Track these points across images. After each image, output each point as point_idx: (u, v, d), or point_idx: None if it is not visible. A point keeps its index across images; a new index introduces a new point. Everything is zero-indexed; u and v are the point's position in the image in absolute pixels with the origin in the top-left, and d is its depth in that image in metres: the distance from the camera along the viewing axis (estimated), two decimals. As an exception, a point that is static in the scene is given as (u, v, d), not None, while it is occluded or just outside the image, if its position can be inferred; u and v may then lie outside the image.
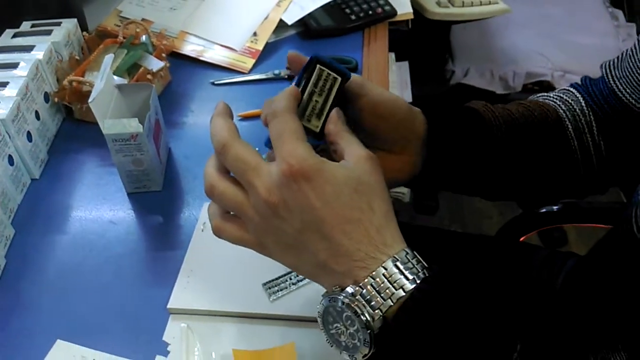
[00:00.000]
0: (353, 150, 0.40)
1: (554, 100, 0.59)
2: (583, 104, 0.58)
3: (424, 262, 0.38)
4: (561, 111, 0.57)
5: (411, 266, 0.37)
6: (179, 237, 0.59)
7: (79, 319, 0.52)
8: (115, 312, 0.52)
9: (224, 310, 0.51)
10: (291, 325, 0.50)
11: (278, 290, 0.53)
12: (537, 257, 0.78)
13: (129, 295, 0.54)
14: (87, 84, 0.67)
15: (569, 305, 0.59)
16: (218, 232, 0.42)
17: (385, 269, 0.36)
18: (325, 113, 0.44)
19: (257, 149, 0.48)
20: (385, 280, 0.36)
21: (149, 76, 0.71)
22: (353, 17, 0.88)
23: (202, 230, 0.59)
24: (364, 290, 0.36)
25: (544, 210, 0.83)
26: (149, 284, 0.55)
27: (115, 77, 0.67)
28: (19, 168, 0.63)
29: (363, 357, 0.37)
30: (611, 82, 0.56)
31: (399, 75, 1.10)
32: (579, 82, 0.61)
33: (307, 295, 0.52)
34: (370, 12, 0.89)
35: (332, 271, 0.37)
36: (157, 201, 0.63)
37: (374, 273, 0.36)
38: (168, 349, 0.49)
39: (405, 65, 1.13)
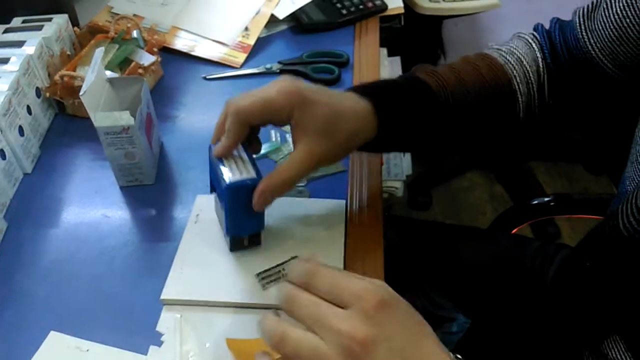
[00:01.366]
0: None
1: (510, 63, 0.58)
2: (540, 62, 0.58)
3: None
4: (515, 83, 0.57)
5: None
6: (171, 230, 0.60)
7: (72, 311, 0.52)
8: (108, 304, 0.53)
9: (217, 300, 0.51)
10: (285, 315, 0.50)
11: (271, 281, 0.53)
12: (529, 248, 0.79)
13: (122, 286, 0.54)
14: (79, 78, 0.67)
15: (560, 296, 0.60)
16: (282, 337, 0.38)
17: None
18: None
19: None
20: None
21: (140, 71, 0.71)
22: (344, 11, 0.89)
23: (195, 222, 0.59)
24: None
25: (535, 202, 0.84)
26: (142, 275, 0.55)
27: (107, 72, 0.67)
28: (11, 162, 0.62)
29: None
30: (582, 33, 0.55)
31: (391, 70, 1.11)
32: (546, 27, 0.60)
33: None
34: (361, 6, 0.89)
35: None
36: (149, 194, 0.63)
37: None
38: (162, 339, 0.49)
39: (397, 60, 1.13)
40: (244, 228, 0.53)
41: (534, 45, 0.59)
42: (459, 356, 0.39)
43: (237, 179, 0.49)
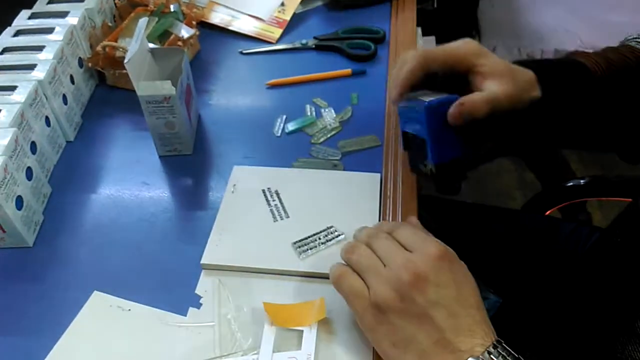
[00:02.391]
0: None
1: None
2: None
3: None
4: None
5: (509, 351, 0.40)
6: (208, 199, 0.61)
7: (114, 273, 0.54)
8: (149, 267, 0.54)
9: (255, 267, 0.52)
10: (320, 283, 0.51)
11: (307, 249, 0.53)
12: (563, 229, 0.78)
13: (161, 251, 0.55)
14: (120, 49, 0.69)
15: (593, 274, 0.59)
16: (338, 278, 0.45)
17: (496, 347, 0.39)
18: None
19: (285, 116, 0.49)
20: (500, 354, 0.39)
21: (179, 43, 0.72)
22: (381, -13, 0.88)
23: (232, 192, 0.60)
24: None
25: (570, 183, 0.83)
26: (181, 241, 0.56)
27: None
28: (55, 130, 0.64)
29: None
30: None
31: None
32: None
33: (336, 254, 0.53)
34: (398, -17, 0.88)
35: (453, 348, 0.40)
36: (188, 164, 0.65)
37: (489, 349, 0.39)
38: (200, 301, 0.50)
39: (432, 40, 1.12)
40: (446, 153, 0.51)
41: None
42: (500, 341, 0.40)
43: (435, 99, 0.49)
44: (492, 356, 0.38)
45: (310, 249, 0.53)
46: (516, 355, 0.39)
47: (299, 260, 0.52)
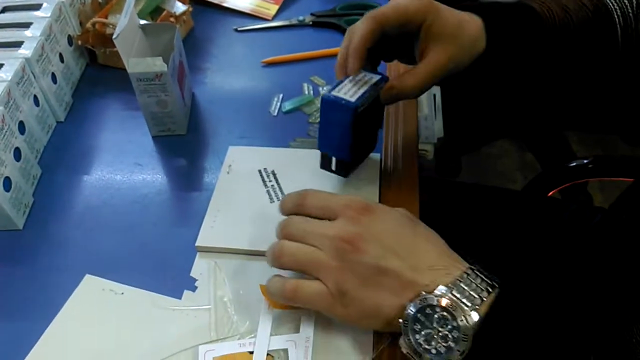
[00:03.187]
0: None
1: None
2: None
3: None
4: (612, 9, 0.55)
5: (487, 274, 0.39)
6: (203, 180, 0.59)
7: (107, 256, 0.52)
8: (142, 249, 0.53)
9: (251, 249, 0.51)
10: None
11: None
12: (565, 211, 0.77)
13: (155, 233, 0.54)
14: (111, 25, 0.66)
15: (597, 257, 0.58)
16: (294, 293, 0.42)
17: (467, 273, 0.39)
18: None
19: (281, 94, 0.48)
20: (471, 282, 0.38)
21: (172, 19, 0.70)
22: (380, -38, 0.85)
23: (228, 173, 0.58)
24: (454, 290, 0.37)
25: (574, 163, 0.81)
26: (176, 223, 0.55)
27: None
28: (44, 109, 0.62)
29: (460, 355, 0.37)
30: None
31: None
32: None
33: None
34: (397, -43, 0.86)
35: (417, 286, 0.39)
36: (181, 145, 0.63)
37: (458, 276, 0.38)
38: (196, 284, 0.49)
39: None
40: (332, 149, 0.52)
41: None
42: (476, 264, 0.40)
43: (335, 95, 0.48)
44: (462, 283, 0.38)
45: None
46: (488, 280, 0.38)
47: (297, 241, 0.51)
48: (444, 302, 0.37)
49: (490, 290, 0.38)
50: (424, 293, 0.38)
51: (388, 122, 0.64)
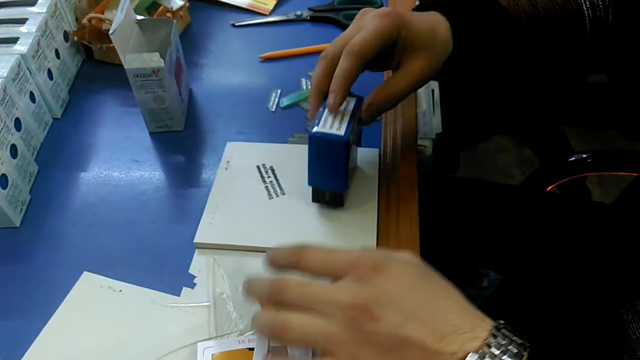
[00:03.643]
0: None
1: None
2: None
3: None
4: (582, 2, 0.54)
5: (512, 334, 0.34)
6: (201, 176, 0.59)
7: (105, 253, 0.52)
8: (141, 246, 0.52)
9: (249, 245, 0.51)
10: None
11: (303, 227, 0.52)
12: (564, 206, 0.77)
13: (153, 230, 0.54)
14: (107, 21, 0.66)
15: (596, 251, 0.58)
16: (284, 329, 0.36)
17: (494, 335, 0.34)
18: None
19: (279, 90, 0.47)
20: (501, 345, 0.33)
21: (168, 14, 0.69)
22: (378, -43, 0.85)
23: (226, 169, 0.58)
24: (487, 356, 0.33)
25: (573, 158, 0.81)
26: (173, 220, 0.55)
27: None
28: (40, 106, 0.62)
29: None
30: None
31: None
32: None
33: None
34: (395, -49, 0.85)
35: (444, 356, 0.34)
36: (179, 141, 0.62)
37: (486, 339, 0.34)
38: (194, 281, 0.49)
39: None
40: (325, 183, 0.51)
41: None
42: (500, 322, 0.36)
43: (323, 131, 0.47)
44: (492, 348, 0.33)
45: (307, 226, 0.52)
46: (519, 341, 0.34)
47: (296, 237, 0.51)
48: None
49: (524, 352, 0.34)
50: None
51: (387, 119, 0.63)
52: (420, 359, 0.34)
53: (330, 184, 0.51)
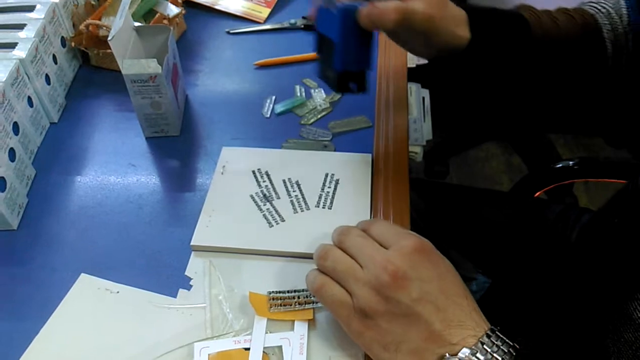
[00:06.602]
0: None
1: (599, 13, 0.58)
2: (624, 11, 0.57)
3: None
4: (604, 30, 0.57)
5: (504, 338, 0.39)
6: (197, 180, 0.60)
7: (102, 255, 0.53)
8: (137, 249, 0.53)
9: (245, 247, 0.52)
10: (312, 263, 0.50)
11: (298, 230, 0.53)
12: (551, 211, 0.78)
13: (150, 233, 0.54)
14: (104, 28, 0.67)
15: (585, 255, 0.59)
16: (319, 290, 0.43)
17: (489, 336, 0.38)
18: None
19: (274, 96, 0.47)
20: (493, 344, 0.38)
21: (165, 21, 0.71)
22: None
23: (222, 174, 0.59)
24: (478, 353, 0.37)
25: (560, 165, 0.83)
26: (170, 223, 0.55)
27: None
28: (38, 110, 0.63)
29: None
30: None
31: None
32: None
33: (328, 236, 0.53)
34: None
35: (444, 342, 0.39)
36: (175, 146, 0.63)
37: (482, 339, 0.38)
38: (190, 283, 0.50)
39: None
40: (353, 63, 0.51)
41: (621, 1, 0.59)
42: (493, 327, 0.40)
43: (350, 3, 0.48)
44: (485, 346, 0.38)
45: (302, 229, 0.53)
46: (510, 343, 0.38)
47: (289, 240, 0.52)
48: None
49: (513, 352, 0.38)
50: (447, 355, 0.38)
51: (379, 122, 0.65)
52: (424, 336, 0.39)
53: (359, 61, 0.51)
